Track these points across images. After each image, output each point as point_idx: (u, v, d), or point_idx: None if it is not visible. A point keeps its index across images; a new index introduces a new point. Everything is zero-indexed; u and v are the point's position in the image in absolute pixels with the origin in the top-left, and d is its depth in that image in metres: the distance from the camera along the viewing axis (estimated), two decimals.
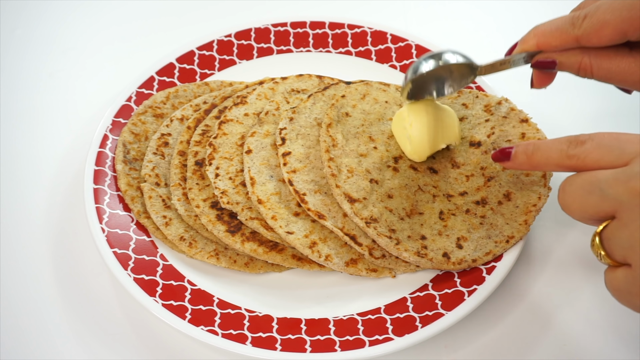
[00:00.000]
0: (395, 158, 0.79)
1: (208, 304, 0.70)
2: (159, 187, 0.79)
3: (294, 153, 0.78)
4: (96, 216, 0.75)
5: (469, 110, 0.84)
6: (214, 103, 0.87)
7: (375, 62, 0.95)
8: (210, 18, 1.07)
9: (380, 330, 0.68)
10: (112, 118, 0.84)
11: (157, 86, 0.90)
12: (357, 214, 0.73)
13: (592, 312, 0.73)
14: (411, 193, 0.77)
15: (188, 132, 0.83)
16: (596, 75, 0.68)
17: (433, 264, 0.71)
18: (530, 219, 0.74)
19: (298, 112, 0.82)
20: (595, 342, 0.70)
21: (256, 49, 0.96)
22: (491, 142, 0.80)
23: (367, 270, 0.72)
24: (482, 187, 0.77)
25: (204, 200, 0.77)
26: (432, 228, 0.74)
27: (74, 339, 0.71)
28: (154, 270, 0.72)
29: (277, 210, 0.74)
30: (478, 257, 0.72)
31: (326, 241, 0.73)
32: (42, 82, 0.98)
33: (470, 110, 0.84)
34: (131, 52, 1.02)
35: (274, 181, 0.77)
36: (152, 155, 0.81)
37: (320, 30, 0.97)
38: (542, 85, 0.75)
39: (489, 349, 0.70)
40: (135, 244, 0.74)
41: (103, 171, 0.79)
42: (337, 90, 0.85)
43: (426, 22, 1.07)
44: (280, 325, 0.69)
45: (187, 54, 0.93)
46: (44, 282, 0.75)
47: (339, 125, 0.80)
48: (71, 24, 1.08)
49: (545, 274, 0.75)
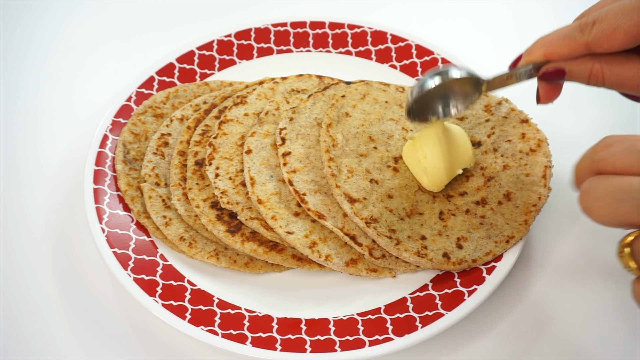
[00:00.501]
0: (395, 158, 0.79)
1: (208, 304, 0.70)
2: (159, 187, 0.79)
3: (294, 153, 0.78)
4: (96, 216, 0.75)
5: (469, 110, 0.84)
6: (214, 103, 0.87)
7: (375, 62, 0.95)
8: (210, 17, 1.08)
9: (380, 330, 0.68)
10: (112, 118, 0.84)
11: (157, 86, 0.90)
12: (357, 214, 0.73)
13: (592, 312, 0.73)
14: (411, 193, 0.77)
15: (188, 132, 0.83)
16: (607, 82, 0.66)
17: (433, 264, 0.71)
18: (530, 219, 0.74)
19: (298, 112, 0.82)
20: (595, 342, 0.71)
21: (256, 49, 0.96)
22: (491, 142, 0.80)
23: (367, 270, 0.72)
24: (482, 187, 0.77)
25: (204, 200, 0.77)
26: (432, 228, 0.74)
27: (73, 338, 0.71)
28: (154, 270, 0.72)
29: (277, 210, 0.74)
30: (478, 257, 0.72)
31: (326, 241, 0.73)
32: (41, 82, 0.98)
33: (470, 110, 0.84)
34: (131, 52, 1.02)
35: (274, 181, 0.77)
36: (152, 155, 0.81)
37: (320, 30, 0.97)
38: (549, 99, 0.71)
39: (489, 349, 0.70)
40: (135, 244, 0.74)
41: (103, 171, 0.79)
42: (337, 90, 0.85)
43: (426, 22, 1.07)
44: (280, 325, 0.69)
45: (187, 54, 0.93)
46: (43, 282, 0.75)
47: (339, 125, 0.80)
48: (71, 23, 1.08)
49: (545, 274, 0.75)
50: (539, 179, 0.76)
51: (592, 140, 0.90)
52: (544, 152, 0.78)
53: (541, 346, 0.70)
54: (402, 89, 0.86)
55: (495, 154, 0.79)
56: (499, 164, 0.78)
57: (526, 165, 0.77)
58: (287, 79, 0.89)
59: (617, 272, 0.75)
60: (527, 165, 0.77)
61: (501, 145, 0.80)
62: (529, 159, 0.78)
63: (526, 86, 0.86)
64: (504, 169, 0.78)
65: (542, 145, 0.78)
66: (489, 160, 0.79)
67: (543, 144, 0.78)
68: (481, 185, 0.78)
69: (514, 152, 0.79)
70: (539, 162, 0.77)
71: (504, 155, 0.79)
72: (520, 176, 0.77)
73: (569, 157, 0.86)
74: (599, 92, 0.94)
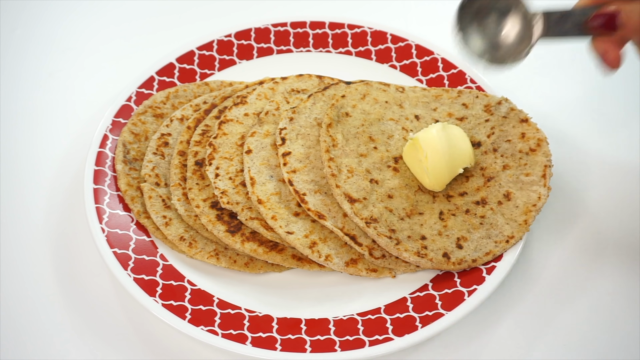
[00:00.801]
0: (395, 158, 0.79)
1: (208, 304, 0.70)
2: (159, 187, 0.79)
3: (294, 153, 0.78)
4: (96, 216, 0.75)
5: (469, 110, 0.84)
6: (214, 103, 0.87)
7: (375, 62, 0.95)
8: (210, 17, 1.07)
9: (380, 330, 0.68)
10: (112, 118, 0.84)
11: (157, 86, 0.90)
12: (357, 214, 0.73)
13: (592, 312, 0.73)
14: (411, 193, 0.77)
15: (188, 132, 0.83)
16: None
17: (433, 264, 0.71)
18: (530, 219, 0.74)
19: (298, 112, 0.82)
20: (595, 342, 0.71)
21: (256, 49, 0.96)
22: (491, 142, 0.80)
23: (367, 270, 0.72)
24: (481, 187, 0.77)
25: (204, 200, 0.77)
26: (432, 228, 0.74)
27: (73, 338, 0.71)
28: (154, 270, 0.72)
29: (277, 210, 0.74)
30: (478, 257, 0.72)
31: (326, 241, 0.73)
32: (41, 81, 0.98)
33: (470, 110, 0.84)
34: (131, 52, 1.02)
35: (274, 181, 0.77)
36: (152, 155, 0.81)
37: (320, 30, 0.97)
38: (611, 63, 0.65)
39: (489, 349, 0.70)
40: (135, 244, 0.74)
41: (103, 171, 0.79)
42: (337, 90, 0.85)
43: (427, 22, 1.07)
44: (280, 325, 0.69)
45: (187, 54, 0.93)
46: (43, 282, 0.75)
47: (339, 125, 0.80)
48: (70, 23, 1.08)
49: (545, 274, 0.76)
50: (538, 179, 0.76)
51: (592, 140, 0.90)
52: (543, 151, 0.78)
53: (541, 346, 0.70)
54: (402, 89, 0.86)
55: (495, 154, 0.79)
56: (499, 164, 0.78)
57: (526, 165, 0.78)
58: (287, 79, 0.89)
59: (617, 271, 0.76)
60: (527, 165, 0.77)
61: (501, 145, 0.80)
62: (529, 158, 0.78)
63: (526, 84, 0.86)
64: (503, 169, 0.78)
65: (541, 144, 0.78)
66: (488, 160, 0.79)
67: (543, 144, 0.78)
68: (481, 186, 0.78)
69: (514, 152, 0.79)
70: (539, 162, 0.77)
71: (504, 155, 0.79)
72: (520, 176, 0.77)
73: (570, 156, 0.87)
74: (599, 91, 0.95)
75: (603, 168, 0.86)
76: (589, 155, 0.87)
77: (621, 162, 0.87)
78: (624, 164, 0.86)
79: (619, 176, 0.85)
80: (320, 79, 0.89)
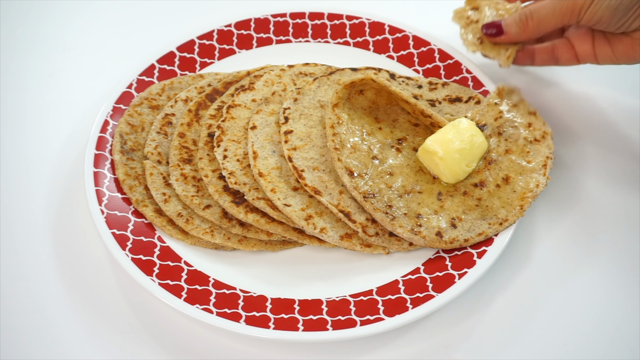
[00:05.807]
0: (399, 139, 0.80)
1: (204, 284, 0.72)
2: (160, 165, 0.80)
3: (295, 131, 0.79)
4: (96, 198, 0.76)
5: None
6: (216, 88, 0.88)
7: (372, 52, 0.96)
8: (209, 12, 1.08)
9: (372, 310, 0.69)
10: (113, 104, 0.85)
11: (158, 74, 0.91)
12: (356, 187, 0.74)
13: (592, 312, 0.73)
14: (412, 172, 0.78)
15: (189, 114, 0.85)
16: None
17: (425, 242, 0.72)
18: (526, 205, 0.74)
19: (303, 93, 0.83)
20: (595, 342, 0.70)
21: (256, 38, 0.97)
22: (497, 125, 0.81)
23: (361, 245, 0.73)
24: (482, 169, 0.78)
25: (213, 170, 0.78)
26: (429, 207, 0.75)
27: (72, 318, 0.72)
28: (151, 251, 0.73)
29: (276, 184, 0.75)
30: (470, 237, 0.73)
31: (322, 215, 0.74)
32: (42, 81, 0.98)
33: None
34: (131, 52, 1.02)
35: (276, 156, 0.78)
36: (155, 134, 0.83)
37: (319, 20, 0.98)
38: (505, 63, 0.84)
39: (489, 349, 0.70)
40: (133, 226, 0.75)
41: (103, 155, 0.80)
42: (343, 75, 0.86)
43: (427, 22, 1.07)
44: (274, 305, 0.70)
45: (188, 43, 0.94)
46: (43, 264, 0.76)
47: (346, 105, 0.81)
48: (71, 23, 1.08)
49: (545, 275, 0.76)
50: (539, 167, 0.77)
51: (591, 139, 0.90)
52: (547, 144, 0.79)
53: (541, 346, 0.70)
54: (406, 82, 0.87)
55: (500, 138, 0.80)
56: (502, 148, 0.79)
57: (529, 152, 0.78)
58: (294, 66, 0.90)
59: (617, 272, 0.76)
60: (530, 152, 0.78)
61: (506, 130, 0.80)
62: (532, 147, 0.78)
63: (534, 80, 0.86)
64: (506, 152, 0.79)
65: (546, 137, 0.79)
66: (492, 143, 0.80)
67: (548, 137, 0.79)
68: (481, 168, 0.78)
69: (518, 138, 0.79)
70: (542, 152, 0.78)
71: (508, 139, 0.80)
72: (521, 162, 0.78)
73: (569, 154, 0.87)
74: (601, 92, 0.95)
75: (601, 157, 0.86)
76: (587, 144, 0.88)
77: (618, 150, 0.87)
78: (620, 152, 0.87)
79: (615, 167, 0.85)
80: (328, 67, 0.91)
